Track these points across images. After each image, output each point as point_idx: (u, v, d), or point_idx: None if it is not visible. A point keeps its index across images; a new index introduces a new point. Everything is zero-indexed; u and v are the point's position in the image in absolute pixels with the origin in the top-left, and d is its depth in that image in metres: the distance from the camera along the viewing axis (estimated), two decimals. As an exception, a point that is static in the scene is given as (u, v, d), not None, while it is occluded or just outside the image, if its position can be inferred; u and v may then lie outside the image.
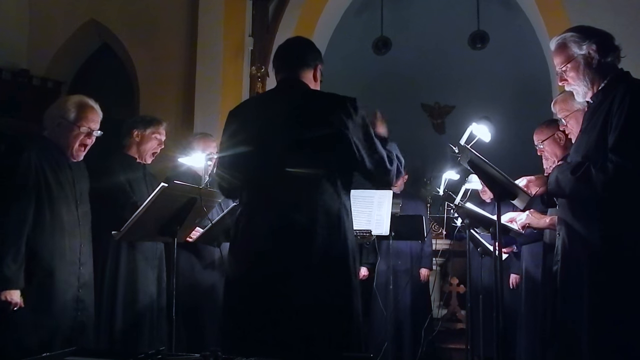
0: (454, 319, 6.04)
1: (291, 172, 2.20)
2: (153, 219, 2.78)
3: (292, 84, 2.39)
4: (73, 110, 2.88)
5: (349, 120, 2.22)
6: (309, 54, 2.43)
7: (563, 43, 2.38)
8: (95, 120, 2.94)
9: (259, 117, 2.37)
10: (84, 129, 2.88)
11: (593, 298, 2.20)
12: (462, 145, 2.49)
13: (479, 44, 7.35)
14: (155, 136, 3.49)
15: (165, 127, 3.56)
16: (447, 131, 8.69)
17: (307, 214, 2.19)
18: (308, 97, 2.36)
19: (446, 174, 3.94)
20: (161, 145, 3.53)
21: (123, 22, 5.71)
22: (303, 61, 2.40)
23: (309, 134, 2.22)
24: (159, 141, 3.51)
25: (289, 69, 2.40)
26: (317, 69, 2.44)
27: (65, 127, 2.86)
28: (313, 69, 2.42)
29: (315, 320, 2.15)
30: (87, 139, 2.92)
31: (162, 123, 3.55)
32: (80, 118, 2.88)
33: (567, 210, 2.37)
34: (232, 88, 5.43)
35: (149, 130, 3.48)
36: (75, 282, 2.78)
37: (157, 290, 3.38)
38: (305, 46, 2.47)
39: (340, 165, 2.26)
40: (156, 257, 3.42)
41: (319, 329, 2.15)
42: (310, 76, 2.41)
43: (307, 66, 2.40)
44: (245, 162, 2.31)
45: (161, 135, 3.52)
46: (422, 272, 5.34)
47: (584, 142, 2.34)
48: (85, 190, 2.98)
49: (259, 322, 2.18)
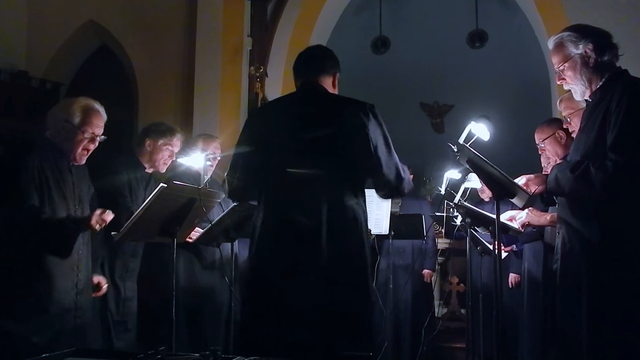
0: (454, 318, 6.04)
1: (309, 173, 2.27)
2: (153, 219, 2.76)
3: (311, 88, 2.48)
4: (78, 114, 2.82)
5: (368, 124, 2.30)
6: (329, 61, 2.54)
7: (560, 42, 2.39)
8: (99, 126, 2.89)
9: (278, 119, 2.46)
10: (88, 134, 2.83)
11: (592, 296, 2.20)
12: (461, 144, 2.49)
13: (477, 43, 7.36)
14: (167, 147, 3.48)
15: (179, 139, 3.54)
16: (446, 130, 8.70)
17: (325, 215, 2.25)
18: (327, 100, 2.45)
19: (448, 173, 3.94)
20: (172, 156, 3.52)
21: (122, 22, 5.71)
22: (322, 68, 2.51)
23: (328, 136, 2.30)
24: (170, 152, 3.50)
25: (309, 74, 2.50)
26: (336, 76, 2.54)
27: (69, 131, 2.81)
28: (332, 76, 2.52)
29: (329, 320, 2.19)
30: (91, 144, 2.87)
31: (175, 134, 3.52)
32: (85, 123, 2.82)
33: (567, 209, 2.37)
34: (230, 88, 5.43)
35: (161, 142, 3.47)
36: (73, 288, 2.75)
37: None
38: (325, 54, 2.58)
39: (357, 168, 2.33)
40: None
41: (332, 329, 2.19)
42: (329, 82, 2.51)
43: (326, 72, 2.50)
44: (264, 162, 2.39)
45: (173, 147, 3.51)
46: (425, 273, 5.32)
47: (583, 140, 2.35)
48: (85, 193, 2.95)
49: (273, 322, 2.23)
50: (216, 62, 5.40)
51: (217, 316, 3.76)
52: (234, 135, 5.29)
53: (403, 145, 2.63)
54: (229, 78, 5.44)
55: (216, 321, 3.75)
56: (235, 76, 5.46)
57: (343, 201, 2.28)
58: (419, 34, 8.06)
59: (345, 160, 2.30)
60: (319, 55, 2.56)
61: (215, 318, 3.75)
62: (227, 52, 5.46)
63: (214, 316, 3.75)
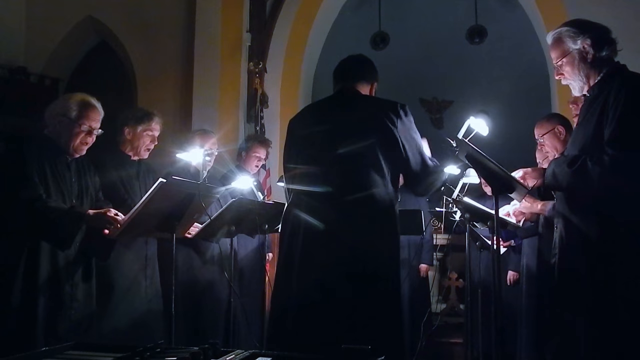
0: (452, 314, 6.05)
1: (347, 173, 2.37)
2: (151, 215, 2.77)
3: (347, 92, 2.57)
4: (75, 108, 2.88)
5: (398, 121, 2.41)
6: (368, 72, 2.66)
7: (559, 37, 2.40)
8: (96, 119, 2.93)
9: (312, 123, 2.57)
10: (85, 127, 2.88)
11: (590, 290, 2.20)
12: (459, 139, 2.50)
13: (477, 39, 7.34)
14: (147, 133, 3.39)
15: (158, 122, 3.44)
16: (445, 126, 8.70)
17: (361, 212, 2.33)
18: (364, 102, 2.55)
19: (447, 169, 3.93)
20: (154, 141, 3.43)
21: (120, 18, 5.71)
22: (362, 76, 2.62)
23: (359, 140, 2.38)
24: (151, 137, 3.41)
25: (348, 80, 2.60)
26: (373, 86, 2.66)
27: (66, 125, 2.86)
28: (370, 85, 2.64)
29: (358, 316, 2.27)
30: (88, 138, 2.91)
31: (153, 118, 3.42)
32: (81, 116, 2.87)
33: (564, 203, 2.38)
34: (229, 84, 5.43)
35: (140, 128, 3.38)
36: (69, 279, 2.78)
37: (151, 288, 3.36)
38: (365, 63, 2.69)
39: (391, 165, 2.42)
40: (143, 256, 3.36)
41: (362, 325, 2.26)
42: (367, 90, 2.62)
43: (365, 80, 2.62)
44: (297, 165, 2.50)
45: (154, 132, 3.41)
46: (421, 267, 5.34)
47: (581, 135, 2.35)
48: (87, 187, 2.97)
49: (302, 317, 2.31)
50: (215, 58, 5.40)
51: (216, 311, 3.77)
52: (233, 130, 5.31)
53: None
54: (228, 74, 5.44)
55: (215, 315, 3.77)
56: (235, 72, 5.46)
57: (378, 198, 2.36)
58: (418, 30, 8.05)
59: (381, 158, 2.39)
60: (359, 63, 2.66)
61: (215, 312, 3.76)
62: (226, 48, 5.46)
63: (214, 311, 3.76)
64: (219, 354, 1.49)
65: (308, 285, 2.32)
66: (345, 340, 2.14)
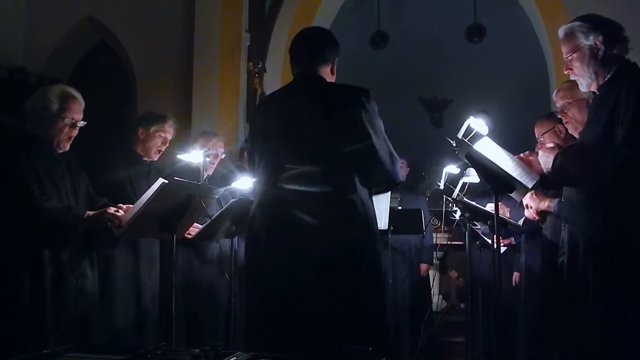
0: (453, 312, 6.05)
1: (311, 164, 2.26)
2: (154, 215, 2.76)
3: (309, 78, 2.43)
4: (55, 101, 2.77)
5: (362, 109, 2.28)
6: (328, 49, 2.47)
7: (570, 32, 2.35)
8: (78, 111, 2.83)
9: (280, 112, 2.43)
10: (68, 120, 2.78)
11: (599, 288, 2.19)
12: (459, 138, 2.49)
13: (476, 37, 7.33)
14: (159, 134, 3.45)
15: (171, 125, 3.51)
16: (445, 125, 8.70)
17: (325, 205, 2.23)
18: (325, 90, 2.41)
19: (447, 168, 3.94)
20: (166, 143, 3.51)
21: (120, 18, 5.69)
22: (322, 57, 2.45)
23: (328, 126, 2.28)
24: (163, 139, 3.47)
25: (307, 63, 2.45)
26: (334, 62, 2.49)
27: (48, 120, 2.75)
28: (331, 64, 2.47)
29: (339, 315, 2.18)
30: (72, 131, 2.82)
31: (167, 121, 3.49)
32: (63, 109, 2.77)
33: (573, 201, 2.36)
34: (229, 83, 5.42)
35: (153, 129, 3.44)
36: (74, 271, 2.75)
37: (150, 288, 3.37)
38: (324, 40, 2.50)
39: (358, 155, 2.29)
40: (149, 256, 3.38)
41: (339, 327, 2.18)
42: (328, 70, 2.47)
43: (325, 62, 2.45)
44: (261, 157, 2.39)
45: (166, 134, 3.48)
46: (422, 267, 5.34)
47: (590, 133, 2.32)
48: (79, 182, 2.91)
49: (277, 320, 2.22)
50: (214, 58, 5.39)
51: (216, 312, 3.76)
52: (233, 130, 5.31)
53: (402, 140, 2.63)
54: (228, 73, 5.43)
55: (216, 317, 3.76)
56: (234, 71, 5.45)
57: (343, 191, 2.25)
58: (418, 29, 8.05)
59: (345, 147, 2.27)
60: (318, 43, 2.49)
61: (215, 314, 3.76)
62: (226, 48, 5.45)
63: (214, 312, 3.75)
64: (220, 356, 1.48)
65: (279, 283, 2.22)
66: (327, 331, 2.15)
